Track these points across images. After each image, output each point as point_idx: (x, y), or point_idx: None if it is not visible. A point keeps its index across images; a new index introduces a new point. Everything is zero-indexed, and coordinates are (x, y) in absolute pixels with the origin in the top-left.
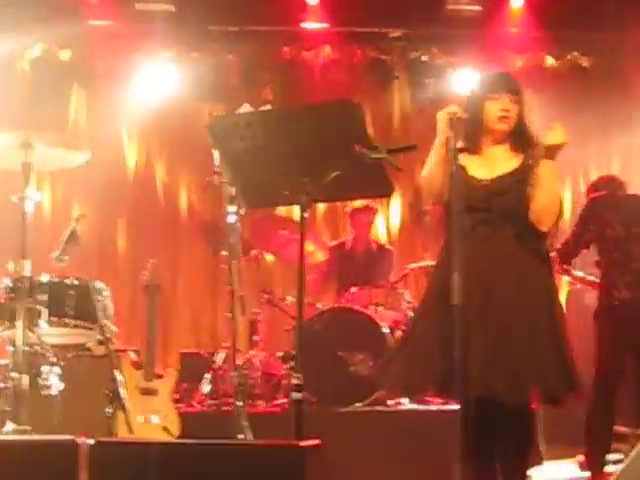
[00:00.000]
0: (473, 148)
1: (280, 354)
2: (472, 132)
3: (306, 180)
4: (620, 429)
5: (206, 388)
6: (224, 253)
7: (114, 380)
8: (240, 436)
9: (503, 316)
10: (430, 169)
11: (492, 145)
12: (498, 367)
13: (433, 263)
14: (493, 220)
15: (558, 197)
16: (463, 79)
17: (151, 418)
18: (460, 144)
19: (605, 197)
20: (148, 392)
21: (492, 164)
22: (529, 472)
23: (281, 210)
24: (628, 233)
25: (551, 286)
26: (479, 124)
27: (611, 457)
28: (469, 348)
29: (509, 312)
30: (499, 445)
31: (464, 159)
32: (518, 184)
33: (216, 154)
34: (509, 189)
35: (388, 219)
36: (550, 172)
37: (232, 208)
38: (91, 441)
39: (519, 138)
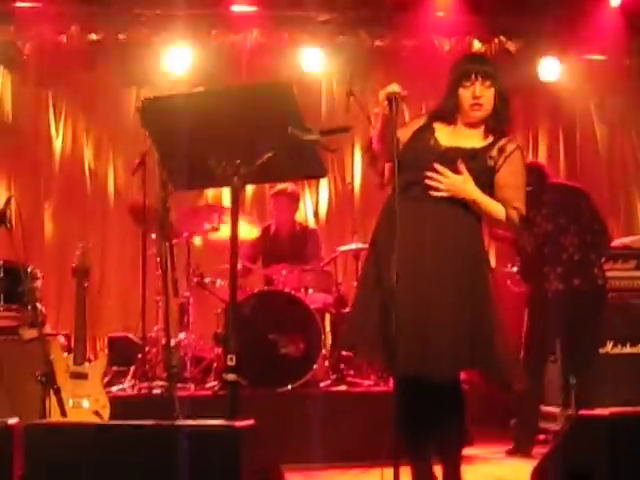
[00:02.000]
0: (449, 121)
1: (213, 334)
2: (449, 115)
3: (238, 162)
4: (549, 409)
5: (135, 371)
6: (153, 236)
7: (47, 363)
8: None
9: (435, 290)
10: (375, 140)
11: (466, 127)
12: (429, 344)
13: (362, 246)
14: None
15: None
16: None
17: (82, 402)
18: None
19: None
20: (78, 376)
21: (460, 137)
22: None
23: (207, 198)
24: (554, 226)
25: (485, 261)
26: (455, 109)
27: (540, 437)
28: (403, 319)
29: (441, 285)
30: (433, 423)
31: (437, 128)
32: (471, 161)
33: (147, 136)
34: (456, 160)
35: (317, 203)
36: (521, 162)
37: (163, 191)
38: (25, 422)
39: (494, 121)
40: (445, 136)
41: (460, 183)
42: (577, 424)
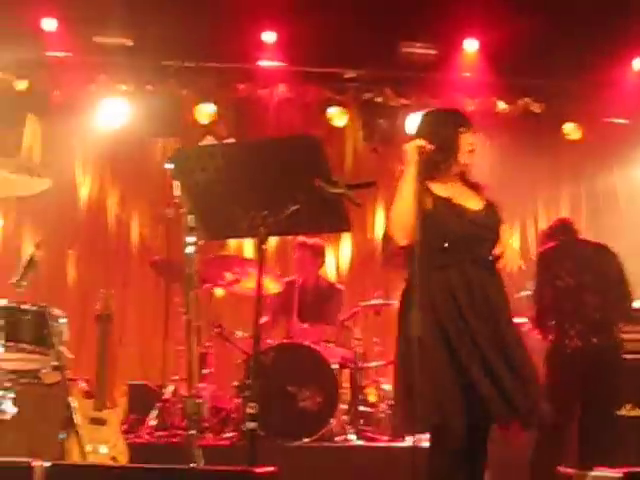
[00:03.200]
0: (444, 178)
1: (235, 383)
2: (444, 163)
3: (265, 213)
4: (565, 470)
5: (154, 420)
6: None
7: (68, 406)
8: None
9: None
10: (401, 204)
11: (454, 179)
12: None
13: (382, 302)
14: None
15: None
16: (416, 121)
17: (99, 448)
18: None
19: (552, 248)
20: (97, 422)
21: (465, 196)
22: None
23: (230, 249)
24: (578, 282)
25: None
26: (453, 156)
27: None
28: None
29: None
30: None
31: (438, 188)
32: (493, 217)
33: (176, 185)
34: (489, 222)
35: (338, 257)
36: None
37: (190, 239)
38: (47, 463)
39: (470, 179)
40: (459, 198)
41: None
42: None
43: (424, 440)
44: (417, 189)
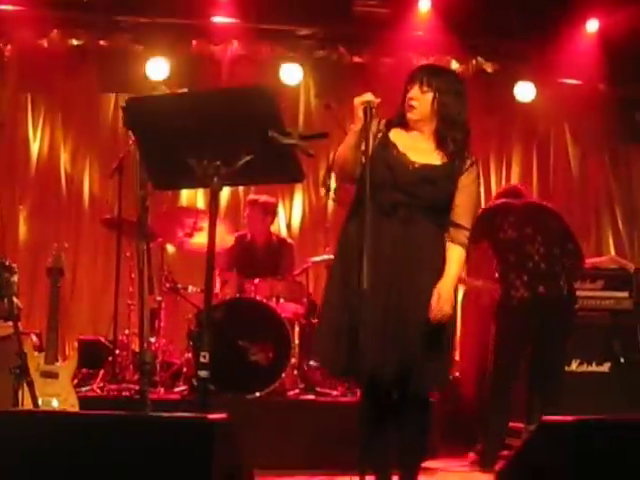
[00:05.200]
0: (407, 128)
1: (187, 332)
2: (400, 117)
3: (219, 163)
4: (515, 425)
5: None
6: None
7: (21, 356)
8: None
9: (409, 306)
10: (345, 151)
11: (421, 131)
12: (407, 355)
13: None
14: (416, 205)
15: (477, 207)
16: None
17: (51, 401)
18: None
19: (497, 205)
20: (49, 375)
21: (420, 151)
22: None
23: (182, 202)
24: (520, 234)
25: None
26: (402, 109)
27: (504, 453)
28: (373, 334)
29: (413, 302)
30: (398, 432)
31: (395, 135)
32: (446, 179)
33: (126, 140)
34: (438, 180)
35: (290, 213)
36: (475, 181)
37: (143, 190)
38: None
39: (443, 129)
40: (405, 143)
41: (443, 304)
42: (541, 428)
43: None
44: (367, 137)
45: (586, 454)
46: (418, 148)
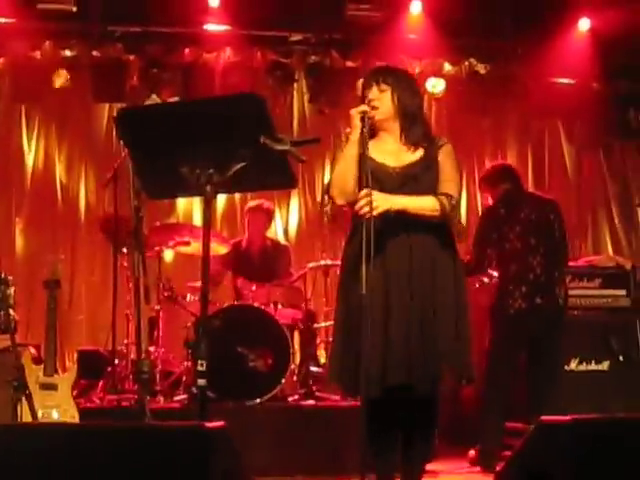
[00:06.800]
0: (378, 136)
1: (184, 341)
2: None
3: (212, 171)
4: (514, 425)
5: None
6: (124, 250)
7: (19, 369)
8: None
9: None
10: (344, 168)
11: (391, 136)
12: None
13: (331, 262)
14: None
15: (459, 177)
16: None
17: (51, 413)
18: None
19: (501, 208)
20: (48, 387)
21: (394, 154)
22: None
23: (178, 216)
24: (525, 245)
25: (460, 276)
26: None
27: (505, 454)
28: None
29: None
30: (403, 434)
31: (373, 148)
32: (427, 171)
33: (120, 150)
34: (420, 174)
35: (287, 219)
36: (450, 155)
37: (137, 200)
38: None
39: (407, 123)
40: (378, 151)
41: (382, 199)
42: (539, 429)
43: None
44: (360, 152)
45: (585, 454)
46: (392, 151)
